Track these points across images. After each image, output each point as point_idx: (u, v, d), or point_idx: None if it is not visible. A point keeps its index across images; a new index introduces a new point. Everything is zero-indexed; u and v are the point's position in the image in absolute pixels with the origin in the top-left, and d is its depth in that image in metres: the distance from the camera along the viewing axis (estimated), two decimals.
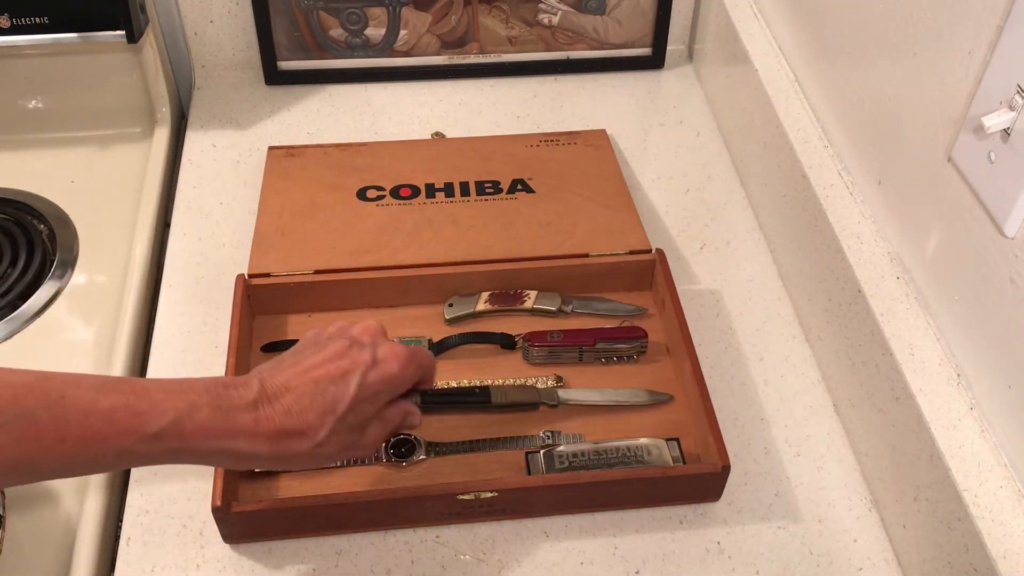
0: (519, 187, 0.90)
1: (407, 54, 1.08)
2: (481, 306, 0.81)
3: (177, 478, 0.71)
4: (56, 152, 1.01)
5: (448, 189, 0.89)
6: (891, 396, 0.67)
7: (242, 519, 0.65)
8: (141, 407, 0.52)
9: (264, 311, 0.81)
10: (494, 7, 1.05)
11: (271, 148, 0.94)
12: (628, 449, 0.71)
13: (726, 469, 0.67)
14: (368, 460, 0.71)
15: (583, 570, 0.67)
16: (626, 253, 0.83)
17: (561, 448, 0.71)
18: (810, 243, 0.80)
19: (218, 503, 0.64)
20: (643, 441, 0.71)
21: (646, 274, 0.84)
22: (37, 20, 0.91)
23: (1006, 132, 0.56)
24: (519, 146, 0.95)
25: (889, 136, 0.72)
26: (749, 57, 0.93)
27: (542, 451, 0.71)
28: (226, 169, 0.97)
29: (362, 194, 0.88)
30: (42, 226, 0.92)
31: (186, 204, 0.93)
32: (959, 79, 0.62)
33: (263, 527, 0.67)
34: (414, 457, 0.71)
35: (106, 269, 0.88)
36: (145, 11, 0.96)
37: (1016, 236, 0.57)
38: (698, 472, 0.68)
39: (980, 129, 0.57)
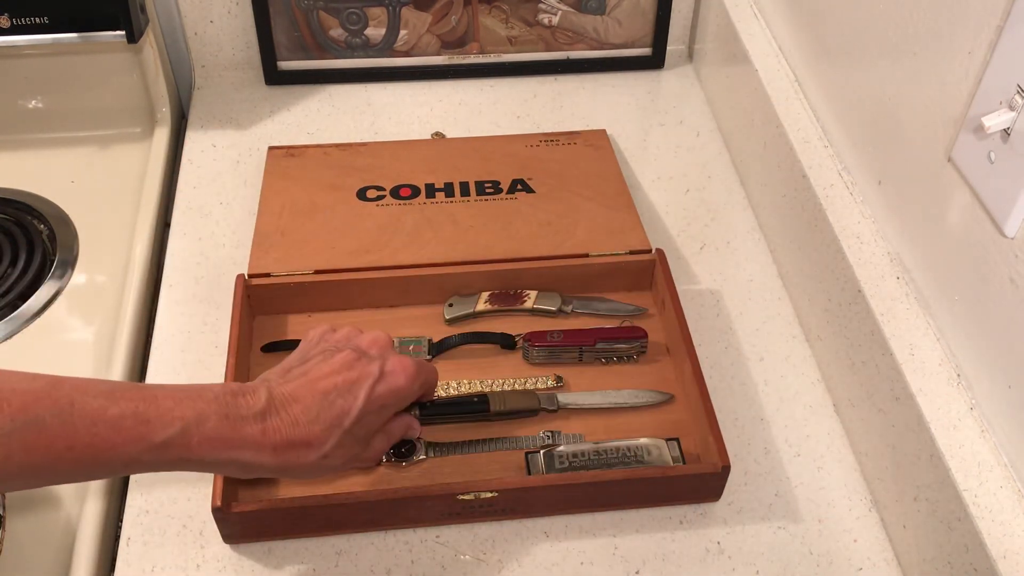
0: (519, 187, 0.90)
1: (407, 54, 1.08)
2: (481, 306, 0.81)
3: (177, 479, 0.71)
4: (56, 152, 1.01)
5: (448, 189, 0.89)
6: (891, 396, 0.67)
7: (242, 519, 0.65)
8: (149, 415, 0.52)
9: (264, 311, 0.81)
10: (494, 7, 1.05)
11: (271, 148, 0.94)
12: (628, 449, 0.71)
13: (726, 469, 0.67)
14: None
15: (583, 570, 0.67)
16: (626, 253, 0.83)
17: (561, 448, 0.71)
18: (810, 243, 0.80)
19: (218, 503, 0.64)
20: (643, 441, 0.71)
21: (646, 274, 0.84)
22: (37, 20, 0.91)
23: (1006, 132, 0.56)
24: (519, 146, 0.95)
25: (889, 136, 0.72)
26: (749, 57, 0.93)
27: (542, 451, 0.71)
28: (226, 169, 0.97)
29: (362, 194, 0.88)
30: (42, 226, 0.92)
31: (186, 204, 0.93)
32: (959, 79, 0.62)
33: (263, 527, 0.67)
34: (414, 457, 0.71)
35: (106, 269, 0.88)
36: (145, 11, 0.96)
37: (1016, 236, 0.57)
38: (698, 472, 0.68)
39: (980, 129, 0.57)
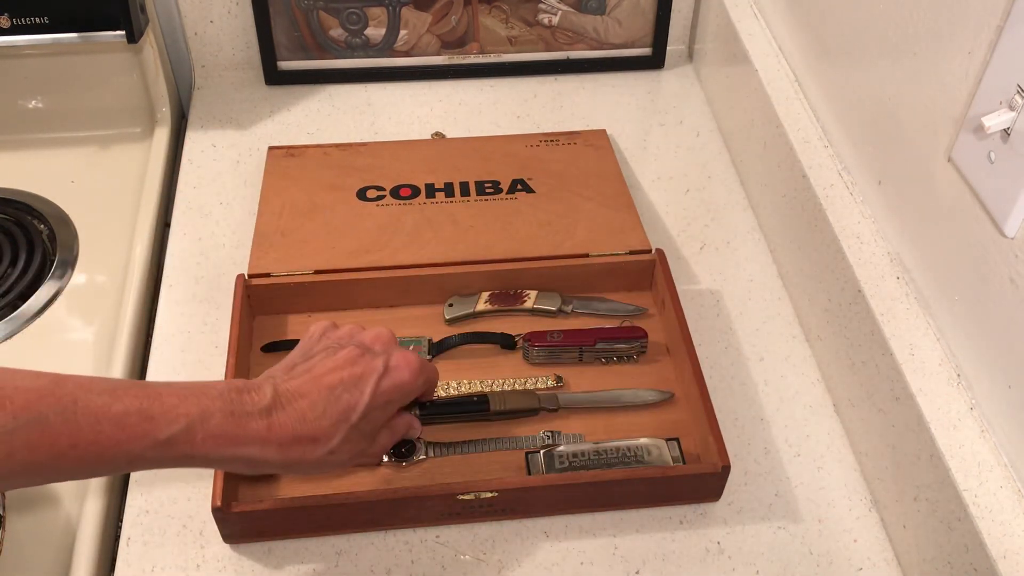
0: (519, 187, 0.90)
1: (407, 54, 1.08)
2: (481, 306, 0.81)
3: (177, 478, 0.71)
4: (56, 152, 1.01)
5: (448, 189, 0.89)
6: (891, 396, 0.67)
7: (242, 519, 0.65)
8: (153, 412, 0.51)
9: (264, 311, 0.81)
10: (494, 7, 1.05)
11: (271, 148, 0.94)
12: (628, 449, 0.71)
13: (726, 469, 0.67)
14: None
15: (583, 570, 0.67)
16: (626, 253, 0.83)
17: (561, 448, 0.71)
18: (810, 243, 0.80)
19: (218, 503, 0.64)
20: (643, 441, 0.71)
21: (646, 274, 0.84)
22: (37, 20, 0.91)
23: (1006, 132, 0.56)
24: (519, 146, 0.95)
25: (889, 136, 0.72)
26: (749, 57, 0.93)
27: (542, 451, 0.71)
28: (226, 169, 0.97)
29: (362, 194, 0.88)
30: (42, 226, 0.92)
31: (186, 204, 0.93)
32: (959, 79, 0.62)
33: (263, 527, 0.67)
34: (414, 457, 0.71)
35: (106, 269, 0.88)
36: (145, 11, 0.96)
37: (1016, 236, 0.57)
38: (698, 472, 0.68)
39: (980, 129, 0.57)
